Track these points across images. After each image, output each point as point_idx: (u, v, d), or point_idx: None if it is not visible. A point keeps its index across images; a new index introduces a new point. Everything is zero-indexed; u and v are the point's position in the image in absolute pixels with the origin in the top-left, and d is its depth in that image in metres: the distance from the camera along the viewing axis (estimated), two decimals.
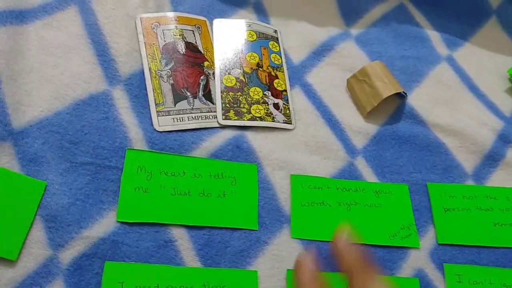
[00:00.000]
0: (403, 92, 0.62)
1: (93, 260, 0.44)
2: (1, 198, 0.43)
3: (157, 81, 0.56)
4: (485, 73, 0.71)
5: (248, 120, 0.57)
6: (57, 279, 0.43)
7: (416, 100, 0.65)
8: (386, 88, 0.61)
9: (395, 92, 0.61)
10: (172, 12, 0.62)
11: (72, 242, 0.44)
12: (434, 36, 0.73)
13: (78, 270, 0.43)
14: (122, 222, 0.47)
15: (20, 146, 0.47)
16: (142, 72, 0.56)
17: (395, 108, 0.64)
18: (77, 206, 0.46)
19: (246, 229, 0.50)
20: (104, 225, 0.46)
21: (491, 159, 0.61)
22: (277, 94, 0.61)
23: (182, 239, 0.48)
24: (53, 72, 0.52)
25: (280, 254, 0.50)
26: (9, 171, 0.45)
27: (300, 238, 0.51)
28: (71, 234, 0.45)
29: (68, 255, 0.44)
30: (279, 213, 0.52)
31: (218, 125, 0.56)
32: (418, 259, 0.52)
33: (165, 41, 0.59)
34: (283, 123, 0.59)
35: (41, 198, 0.45)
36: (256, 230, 0.50)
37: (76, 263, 0.44)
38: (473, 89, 0.69)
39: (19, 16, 0.54)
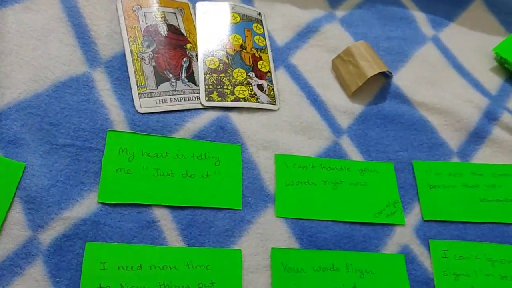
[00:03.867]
0: (388, 71, 0.62)
1: (73, 241, 0.44)
2: None
3: (138, 63, 0.56)
4: (471, 52, 0.70)
5: (231, 101, 0.57)
6: (37, 260, 0.42)
7: (402, 80, 0.65)
8: (371, 67, 0.61)
9: (379, 71, 0.60)
10: None
11: (52, 223, 0.44)
12: (420, 17, 0.73)
13: (58, 251, 0.43)
14: (104, 203, 0.47)
15: None
16: (123, 55, 0.56)
17: (380, 88, 0.64)
18: (57, 188, 0.46)
19: (230, 209, 0.50)
20: (85, 206, 0.46)
21: (476, 137, 0.61)
22: (261, 75, 0.60)
23: (165, 219, 0.48)
24: (32, 54, 0.52)
25: (264, 233, 0.49)
26: None
27: (284, 217, 0.51)
28: (51, 215, 0.44)
29: (48, 236, 0.43)
30: (264, 193, 0.52)
31: (201, 107, 0.56)
32: (403, 236, 0.52)
33: (146, 23, 0.59)
34: (267, 103, 0.58)
35: (20, 180, 0.45)
36: (240, 210, 0.50)
37: (56, 244, 0.43)
38: (459, 68, 0.68)
39: None
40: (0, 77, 0.49)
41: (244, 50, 0.61)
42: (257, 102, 0.58)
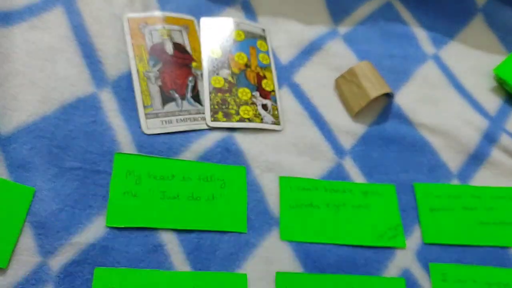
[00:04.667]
0: (390, 92, 0.63)
1: (83, 266, 0.44)
2: None
3: (145, 83, 0.56)
4: (471, 71, 0.71)
5: (236, 121, 0.57)
6: (48, 286, 0.43)
7: (403, 99, 0.66)
8: (374, 88, 0.62)
9: (382, 93, 0.61)
10: (160, 12, 0.61)
11: (61, 249, 0.44)
12: (421, 34, 0.74)
13: (68, 276, 0.44)
14: (112, 227, 0.47)
15: (8, 152, 0.47)
16: (129, 74, 0.56)
17: (383, 107, 0.64)
18: (66, 212, 0.46)
19: (235, 232, 0.51)
20: (94, 230, 0.46)
21: (476, 159, 0.62)
22: (265, 94, 0.61)
23: (171, 243, 0.48)
24: (39, 75, 0.52)
25: (269, 256, 0.50)
26: None
27: (289, 240, 0.52)
28: (60, 240, 0.45)
29: (58, 262, 0.44)
30: (268, 216, 0.53)
31: (206, 127, 0.56)
32: (404, 259, 0.53)
33: (153, 42, 0.59)
34: (272, 124, 0.59)
35: (30, 205, 0.45)
36: (245, 233, 0.51)
37: (66, 270, 0.44)
38: (459, 87, 0.69)
39: (4, 18, 0.53)
40: (8, 99, 0.49)
41: (249, 69, 0.62)
42: (262, 122, 0.58)
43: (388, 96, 0.65)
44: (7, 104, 0.49)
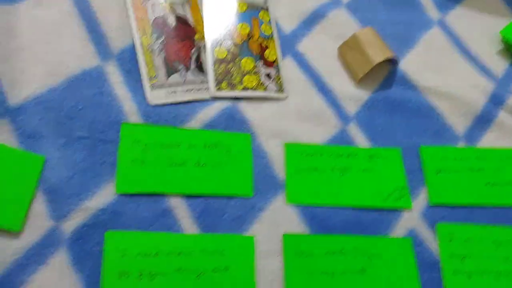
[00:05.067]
0: (394, 57, 0.63)
1: (94, 230, 0.46)
2: (2, 173, 0.44)
3: (149, 55, 0.57)
4: (477, 35, 0.71)
5: (240, 90, 0.58)
6: (60, 248, 0.44)
7: (408, 65, 0.65)
8: (377, 54, 0.61)
9: (386, 58, 0.61)
10: None
11: (73, 214, 0.46)
12: (426, 0, 0.73)
13: (80, 240, 0.45)
14: (121, 194, 0.48)
15: (17, 122, 0.48)
16: (133, 47, 0.57)
17: (387, 74, 0.64)
18: (76, 179, 0.47)
19: (241, 196, 0.52)
20: (103, 196, 0.48)
21: (482, 121, 0.62)
22: (268, 64, 0.61)
23: (179, 207, 0.49)
24: (45, 49, 0.53)
25: (276, 219, 0.51)
26: (8, 147, 0.46)
27: (295, 204, 0.52)
28: (71, 205, 0.46)
29: (69, 226, 0.45)
30: (274, 180, 0.54)
31: (210, 97, 0.57)
32: (410, 220, 0.54)
33: (155, 15, 0.60)
34: (275, 92, 0.59)
35: (41, 172, 0.46)
36: (252, 197, 0.52)
37: (78, 233, 0.45)
38: (465, 52, 0.69)
39: None
40: (16, 73, 0.50)
41: (251, 39, 0.62)
42: (266, 91, 0.59)
43: (393, 62, 0.65)
44: (16, 78, 0.50)
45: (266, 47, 0.62)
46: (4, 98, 0.48)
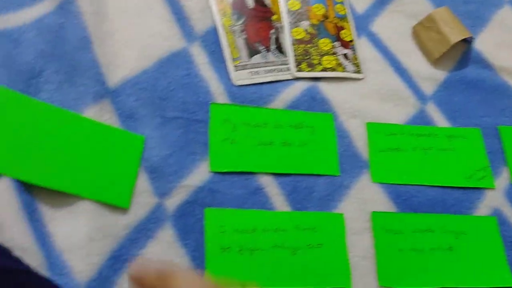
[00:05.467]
0: (470, 37, 0.62)
1: (194, 206, 0.47)
2: (109, 152, 0.46)
3: (231, 37, 0.58)
4: None
5: (320, 71, 0.59)
6: (166, 224, 0.46)
7: (482, 44, 0.65)
8: (454, 33, 0.61)
9: (463, 37, 0.61)
10: None
11: (174, 191, 0.47)
12: None
13: (183, 216, 0.47)
14: (215, 172, 0.50)
15: (117, 103, 0.50)
16: (215, 28, 0.58)
17: (462, 53, 0.64)
18: (174, 158, 0.49)
19: (328, 175, 0.53)
20: (200, 174, 0.49)
21: None
22: (345, 44, 0.62)
23: (270, 186, 0.51)
24: (134, 32, 0.54)
25: (363, 197, 0.52)
26: (113, 127, 0.48)
27: (380, 182, 0.53)
28: (172, 183, 0.48)
29: (172, 203, 0.47)
30: (358, 159, 0.54)
31: (292, 77, 0.58)
32: (494, 199, 0.54)
33: None
34: (353, 73, 0.60)
35: (142, 151, 0.48)
36: (338, 176, 0.53)
37: (181, 210, 0.47)
38: None
39: None
40: (110, 55, 0.52)
41: (327, 20, 0.63)
42: (344, 71, 0.59)
43: (467, 41, 0.65)
44: (111, 60, 0.51)
45: (342, 28, 0.63)
46: (104, 79, 0.50)
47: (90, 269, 0.41)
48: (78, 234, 0.42)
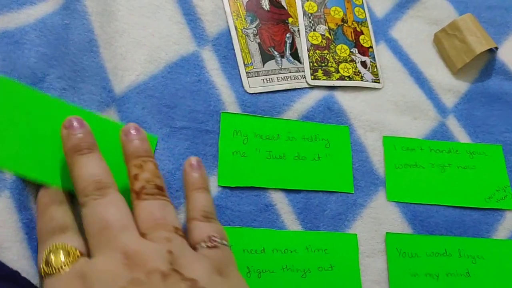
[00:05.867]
0: (495, 47, 0.59)
1: None
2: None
3: (244, 40, 0.55)
4: None
5: (337, 79, 0.56)
6: None
7: (506, 54, 0.62)
8: (479, 43, 0.58)
9: (489, 47, 0.58)
10: None
11: (182, 208, 0.45)
12: None
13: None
14: (223, 187, 0.47)
15: (123, 112, 0.47)
16: (228, 31, 0.55)
17: (485, 63, 0.61)
18: (181, 171, 0.46)
19: (342, 192, 0.50)
20: None
21: None
22: (363, 51, 0.59)
23: (281, 202, 0.48)
24: (143, 33, 0.51)
25: (378, 217, 0.50)
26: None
27: (396, 201, 0.51)
28: (179, 199, 0.45)
29: (180, 220, 0.45)
30: (374, 176, 0.52)
31: (307, 85, 0.55)
32: None
33: None
34: (372, 82, 0.57)
35: (155, 151, 0.46)
36: (352, 193, 0.50)
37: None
38: None
39: None
40: (117, 58, 0.49)
41: (345, 24, 0.59)
42: (362, 80, 0.57)
43: (491, 51, 0.61)
44: (118, 64, 0.49)
45: (361, 33, 0.59)
46: (110, 86, 0.47)
47: None
48: None
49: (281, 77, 0.54)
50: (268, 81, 0.54)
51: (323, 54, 0.57)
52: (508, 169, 0.55)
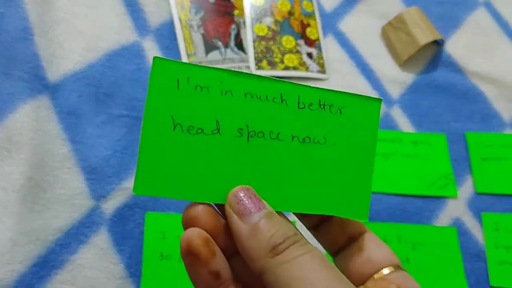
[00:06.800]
0: (440, 39, 0.60)
1: (134, 210, 0.45)
2: None
3: (187, 31, 0.55)
4: None
5: (281, 70, 0.56)
6: (101, 228, 0.43)
7: (454, 47, 0.63)
8: (424, 35, 0.59)
9: (433, 39, 0.58)
10: None
11: (113, 193, 0.45)
12: None
13: (121, 219, 0.44)
14: None
15: (57, 99, 0.47)
16: (171, 22, 0.55)
17: (432, 56, 0.62)
18: (116, 158, 0.46)
19: None
20: None
21: None
22: (310, 43, 0.59)
23: None
24: (83, 23, 0.51)
25: None
26: None
27: None
28: (111, 185, 0.45)
29: (110, 206, 0.44)
30: None
31: None
32: (455, 208, 0.52)
33: None
34: (317, 72, 0.57)
35: (82, 152, 0.45)
36: None
37: (119, 214, 0.44)
38: (511, 35, 0.66)
39: None
40: (54, 47, 0.49)
41: (292, 17, 0.60)
42: (307, 71, 0.57)
43: (438, 43, 0.62)
44: (54, 52, 0.48)
45: (308, 25, 0.60)
46: (43, 73, 0.47)
47: (10, 276, 0.38)
48: (1, 239, 0.39)
49: (225, 67, 0.54)
50: None
51: (268, 45, 0.57)
52: (452, 158, 0.55)
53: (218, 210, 0.25)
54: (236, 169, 0.26)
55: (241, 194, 0.25)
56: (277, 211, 0.25)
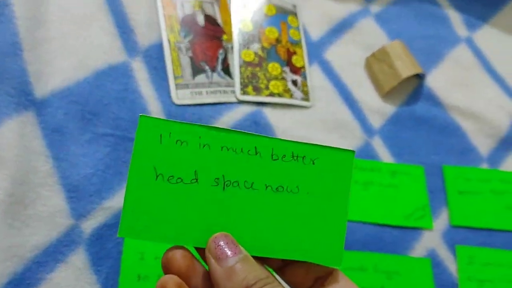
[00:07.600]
0: (422, 73, 0.62)
1: (114, 230, 0.45)
2: None
3: (176, 54, 0.56)
4: (504, 56, 0.70)
5: (266, 96, 0.57)
6: (79, 248, 0.43)
7: (434, 81, 0.65)
8: (406, 68, 0.61)
9: (415, 73, 0.60)
10: None
11: (94, 212, 0.45)
12: (454, 17, 0.72)
13: (99, 239, 0.44)
14: None
15: (43, 116, 0.47)
16: (160, 44, 0.56)
17: (413, 88, 0.64)
18: (98, 177, 0.46)
19: None
20: (123, 196, 0.46)
21: (507, 143, 0.61)
22: (295, 70, 0.60)
23: None
24: (73, 42, 0.52)
25: None
26: None
27: None
28: (92, 204, 0.45)
29: (89, 225, 0.44)
30: None
31: (236, 100, 0.56)
32: (431, 240, 0.53)
33: (184, 13, 0.59)
34: (301, 100, 0.58)
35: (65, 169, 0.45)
36: None
37: (98, 233, 0.44)
38: (491, 72, 0.68)
39: None
40: (42, 63, 0.49)
41: (279, 44, 0.61)
42: (291, 98, 0.58)
43: (419, 77, 0.64)
44: (42, 69, 0.49)
45: (294, 53, 0.61)
46: (30, 89, 0.47)
47: None
48: None
49: (210, 91, 0.55)
50: (197, 94, 0.55)
51: (254, 71, 0.58)
52: (429, 189, 0.56)
53: (193, 254, 0.28)
54: (213, 216, 0.28)
55: (220, 241, 0.27)
56: (253, 256, 0.27)
